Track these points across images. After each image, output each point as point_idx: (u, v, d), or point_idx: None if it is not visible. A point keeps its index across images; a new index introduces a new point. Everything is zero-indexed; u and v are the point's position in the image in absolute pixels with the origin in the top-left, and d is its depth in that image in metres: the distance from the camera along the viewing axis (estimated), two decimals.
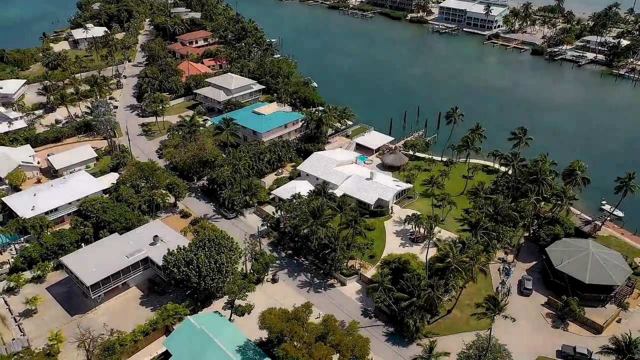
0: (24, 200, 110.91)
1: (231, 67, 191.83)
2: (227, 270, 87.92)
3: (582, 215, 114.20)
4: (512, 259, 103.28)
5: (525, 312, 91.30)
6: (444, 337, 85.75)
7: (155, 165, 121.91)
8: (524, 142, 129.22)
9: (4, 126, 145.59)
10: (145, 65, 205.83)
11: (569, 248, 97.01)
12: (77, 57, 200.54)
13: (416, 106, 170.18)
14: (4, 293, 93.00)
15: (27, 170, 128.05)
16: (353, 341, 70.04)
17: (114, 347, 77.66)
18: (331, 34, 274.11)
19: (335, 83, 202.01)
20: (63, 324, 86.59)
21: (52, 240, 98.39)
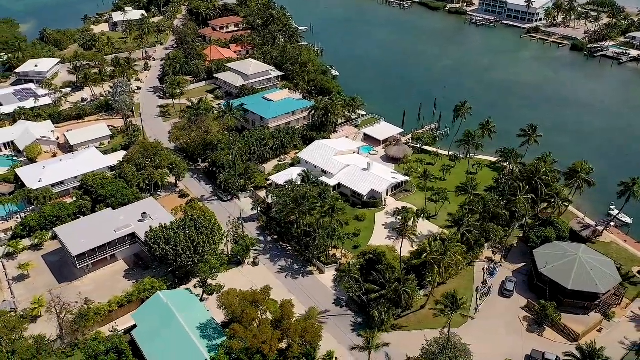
0: (33, 172, 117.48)
1: (253, 52, 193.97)
2: (203, 250, 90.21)
3: (582, 219, 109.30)
4: (499, 259, 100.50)
5: (502, 313, 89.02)
6: (411, 331, 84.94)
7: (159, 145, 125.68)
8: (534, 140, 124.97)
9: (31, 102, 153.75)
10: (174, 48, 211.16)
11: (557, 252, 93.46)
12: (108, 38, 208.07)
13: (439, 98, 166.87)
14: (3, 258, 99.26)
15: (44, 145, 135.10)
16: (304, 327, 70.56)
17: (87, 315, 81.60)
18: (365, 23, 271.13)
19: (361, 72, 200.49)
20: (50, 290, 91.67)
21: (51, 211, 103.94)
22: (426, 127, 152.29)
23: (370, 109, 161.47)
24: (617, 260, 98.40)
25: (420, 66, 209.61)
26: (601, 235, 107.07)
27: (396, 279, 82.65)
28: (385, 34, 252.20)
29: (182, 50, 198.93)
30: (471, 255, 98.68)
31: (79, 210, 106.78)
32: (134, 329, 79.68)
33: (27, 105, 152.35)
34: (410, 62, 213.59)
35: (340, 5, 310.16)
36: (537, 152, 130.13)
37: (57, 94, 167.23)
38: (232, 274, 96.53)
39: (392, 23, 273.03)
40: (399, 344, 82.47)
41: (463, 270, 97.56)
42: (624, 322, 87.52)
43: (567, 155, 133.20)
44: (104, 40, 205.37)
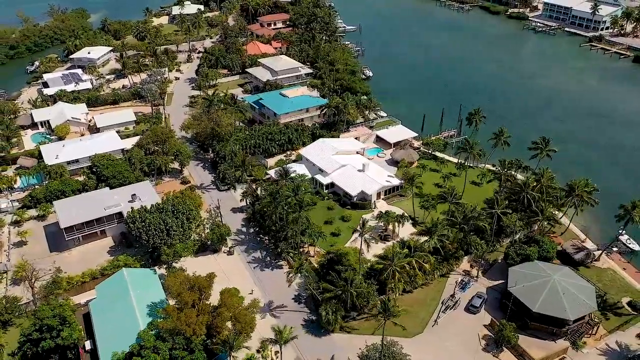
0: (54, 149, 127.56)
1: (289, 49, 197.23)
2: (175, 234, 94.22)
3: (577, 241, 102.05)
4: (476, 273, 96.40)
5: (462, 329, 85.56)
6: (361, 335, 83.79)
7: (171, 132, 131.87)
8: (545, 153, 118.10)
9: (72, 86, 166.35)
10: (219, 42, 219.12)
11: (533, 271, 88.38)
12: (157, 30, 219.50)
13: (475, 104, 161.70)
14: (10, 224, 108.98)
15: (74, 126, 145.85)
16: (235, 316, 72.14)
17: (60, 283, 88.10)
18: (418, 26, 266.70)
19: (398, 74, 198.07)
20: (39, 258, 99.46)
21: (56, 186, 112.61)
22: (444, 133, 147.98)
23: (396, 112, 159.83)
24: (606, 289, 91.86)
25: (462, 71, 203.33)
26: (598, 260, 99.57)
27: (344, 280, 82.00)
28: (435, 37, 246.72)
29: (224, 44, 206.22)
30: (445, 267, 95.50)
31: (83, 187, 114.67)
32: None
33: (69, 88, 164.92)
34: (452, 67, 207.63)
35: (398, 6, 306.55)
36: (550, 166, 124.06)
37: (100, 80, 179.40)
38: (206, 260, 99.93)
39: (446, 26, 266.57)
40: (346, 346, 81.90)
41: (435, 281, 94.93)
42: (593, 354, 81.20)
43: (588, 172, 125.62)
44: (154, 32, 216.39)
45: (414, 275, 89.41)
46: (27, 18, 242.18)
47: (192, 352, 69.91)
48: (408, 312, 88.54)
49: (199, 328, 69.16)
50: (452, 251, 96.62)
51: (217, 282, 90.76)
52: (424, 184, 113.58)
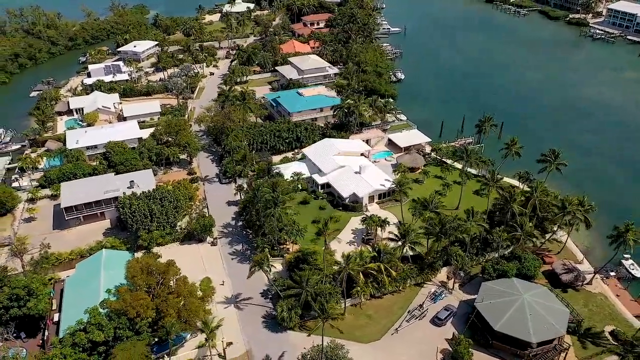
0: (77, 135, 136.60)
1: (322, 49, 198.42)
2: (159, 222, 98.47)
3: (569, 261, 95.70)
4: (451, 285, 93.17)
5: (422, 340, 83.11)
6: (318, 336, 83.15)
7: (184, 124, 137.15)
8: (554, 166, 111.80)
9: (110, 77, 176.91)
10: (259, 40, 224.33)
11: (505, 288, 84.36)
12: (201, 27, 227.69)
13: (507, 112, 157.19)
14: (26, 201, 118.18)
15: (104, 114, 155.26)
16: (185, 304, 74.56)
17: (49, 259, 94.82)
18: (468, 29, 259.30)
19: (433, 78, 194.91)
20: (41, 234, 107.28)
21: (69, 169, 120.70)
22: (459, 141, 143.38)
23: (420, 116, 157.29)
24: (591, 315, 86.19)
25: (502, 77, 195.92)
26: (590, 284, 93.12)
27: (296, 281, 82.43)
28: (483, 41, 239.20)
29: (262, 42, 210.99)
30: (421, 276, 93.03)
31: (93, 171, 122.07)
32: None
33: (106, 79, 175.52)
34: (492, 73, 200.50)
35: (452, 9, 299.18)
36: (559, 180, 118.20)
37: (138, 72, 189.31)
38: (189, 248, 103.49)
39: (498, 30, 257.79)
40: (300, 344, 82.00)
41: (408, 289, 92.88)
42: None
43: (609, 190, 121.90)
44: (197, 28, 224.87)
45: (382, 280, 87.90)
46: (89, 12, 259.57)
47: (139, 334, 73.07)
48: (371, 318, 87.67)
49: (143, 311, 72.14)
50: (429, 260, 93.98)
51: (193, 271, 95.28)
52: (412, 189, 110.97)
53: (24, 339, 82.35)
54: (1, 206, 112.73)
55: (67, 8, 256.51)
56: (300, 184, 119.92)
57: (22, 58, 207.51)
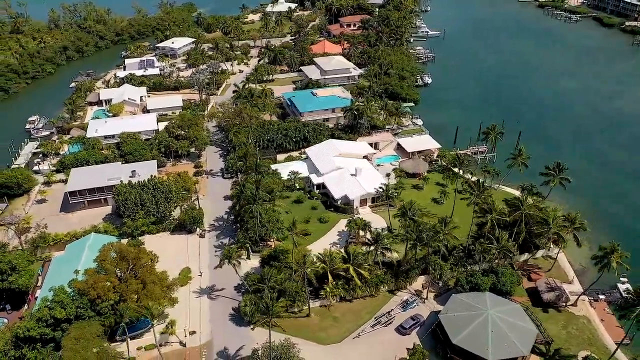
0: (97, 124, 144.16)
1: (349, 50, 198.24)
2: (148, 211, 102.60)
3: (554, 280, 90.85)
4: (425, 294, 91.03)
5: (381, 348, 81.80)
6: (280, 333, 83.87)
7: (196, 119, 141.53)
8: (557, 181, 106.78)
9: (142, 71, 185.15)
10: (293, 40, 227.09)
11: (473, 302, 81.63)
12: (237, 26, 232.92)
13: (533, 121, 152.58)
14: (42, 184, 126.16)
15: (129, 105, 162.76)
16: (147, 291, 77.42)
17: (46, 239, 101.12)
18: (513, 34, 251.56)
19: (462, 84, 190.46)
20: (50, 215, 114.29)
21: (82, 155, 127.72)
22: (471, 148, 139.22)
23: (439, 121, 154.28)
24: (568, 337, 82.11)
25: (535, 85, 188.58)
26: (575, 305, 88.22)
27: (258, 279, 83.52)
28: (525, 46, 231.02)
29: (294, 42, 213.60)
30: (395, 282, 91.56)
31: (105, 159, 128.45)
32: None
33: (138, 73, 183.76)
34: (526, 80, 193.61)
35: (501, 13, 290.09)
36: (562, 195, 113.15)
37: (171, 68, 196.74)
38: (177, 238, 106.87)
39: (544, 36, 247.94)
40: (260, 340, 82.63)
41: (381, 295, 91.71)
42: None
43: (622, 208, 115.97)
44: (233, 26, 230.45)
45: (353, 283, 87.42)
46: (139, 9, 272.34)
47: (101, 315, 76.69)
48: (337, 320, 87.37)
49: (104, 293, 75.62)
50: (405, 267, 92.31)
51: (177, 260, 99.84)
52: (399, 194, 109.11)
53: (9, 310, 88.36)
54: (18, 187, 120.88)
55: (120, 5, 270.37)
56: (298, 183, 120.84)
57: (70, 51, 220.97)
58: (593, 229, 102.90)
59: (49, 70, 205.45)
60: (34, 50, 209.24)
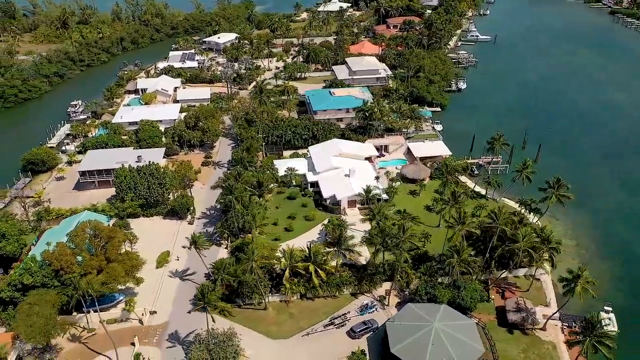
0: (125, 111, 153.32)
1: (384, 52, 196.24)
2: (140, 194, 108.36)
3: (522, 300, 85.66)
4: (387, 301, 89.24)
5: (327, 349, 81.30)
6: (233, 323, 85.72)
7: (212, 111, 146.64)
8: (556, 197, 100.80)
9: (180, 63, 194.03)
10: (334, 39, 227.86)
11: (423, 313, 79.23)
12: (282, 24, 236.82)
13: (566, 134, 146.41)
14: (66, 163, 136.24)
15: (161, 95, 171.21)
16: (105, 268, 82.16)
17: (50, 212, 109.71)
18: (572, 40, 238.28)
19: (502, 92, 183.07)
20: (62, 192, 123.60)
21: (102, 139, 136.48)
22: (484, 158, 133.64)
23: (464, 128, 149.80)
24: None
25: (579, 96, 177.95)
26: (544, 329, 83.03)
27: (217, 268, 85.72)
28: (583, 57, 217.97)
29: (335, 41, 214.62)
30: (358, 285, 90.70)
31: (122, 143, 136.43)
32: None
33: (177, 65, 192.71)
34: (570, 90, 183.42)
35: (566, 20, 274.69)
36: (576, 215, 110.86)
37: (210, 62, 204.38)
38: (167, 223, 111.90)
39: (607, 45, 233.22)
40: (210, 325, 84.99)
41: (343, 297, 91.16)
42: None
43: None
44: (279, 24, 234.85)
45: (312, 282, 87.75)
46: (198, 4, 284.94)
47: (65, 285, 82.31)
48: (292, 317, 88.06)
49: (67, 265, 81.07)
50: (370, 271, 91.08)
51: (161, 242, 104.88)
52: (391, 198, 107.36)
53: (2, 274, 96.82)
54: (43, 164, 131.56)
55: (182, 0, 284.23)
56: (295, 180, 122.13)
57: (126, 42, 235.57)
58: (598, 255, 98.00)
59: (103, 59, 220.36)
60: (92, 40, 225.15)
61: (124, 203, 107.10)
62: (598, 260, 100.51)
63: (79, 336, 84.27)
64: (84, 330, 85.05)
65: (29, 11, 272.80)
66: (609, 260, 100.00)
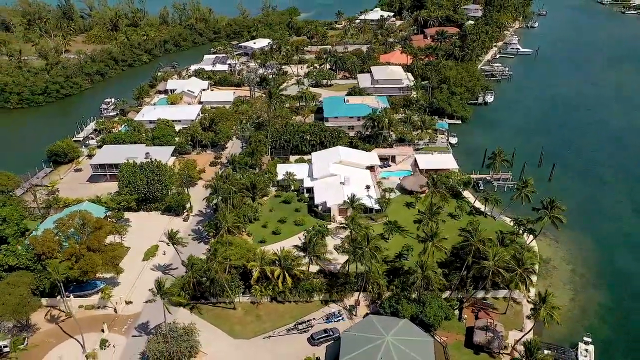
0: (146, 110, 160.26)
1: (411, 62, 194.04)
2: (138, 189, 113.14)
3: (491, 322, 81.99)
4: (355, 311, 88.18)
5: (284, 353, 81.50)
6: (200, 319, 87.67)
7: (228, 114, 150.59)
8: (548, 218, 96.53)
9: (210, 66, 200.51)
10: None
11: (382, 327, 77.77)
12: (317, 31, 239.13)
13: (588, 155, 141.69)
14: (87, 156, 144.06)
15: (187, 96, 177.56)
16: (84, 257, 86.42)
17: (59, 202, 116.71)
18: (623, 58, 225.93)
19: (533, 108, 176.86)
20: (77, 183, 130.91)
21: (120, 135, 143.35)
22: (492, 174, 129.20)
23: (479, 141, 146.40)
24: None
25: (615, 119, 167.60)
26: (511, 355, 79.31)
27: (189, 265, 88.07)
28: (630, 77, 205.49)
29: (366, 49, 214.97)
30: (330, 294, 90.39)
31: (137, 140, 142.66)
32: None
33: (207, 68, 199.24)
34: (608, 113, 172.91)
35: (622, 39, 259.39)
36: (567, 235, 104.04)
37: (242, 66, 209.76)
38: (163, 218, 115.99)
39: None
40: (179, 319, 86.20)
41: (313, 304, 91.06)
42: None
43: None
44: (314, 32, 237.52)
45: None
46: (244, 10, 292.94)
47: (45, 268, 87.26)
48: (259, 318, 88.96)
49: (49, 251, 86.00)
50: (342, 280, 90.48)
51: (153, 236, 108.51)
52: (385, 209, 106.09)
53: None
54: (64, 156, 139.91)
55: (227, 5, 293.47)
56: (293, 184, 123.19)
57: (168, 44, 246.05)
58: (592, 283, 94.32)
59: (144, 60, 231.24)
60: (136, 41, 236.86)
61: (119, 196, 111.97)
62: (590, 289, 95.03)
63: (57, 318, 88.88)
64: (63, 313, 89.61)
65: (86, 13, 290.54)
66: (602, 290, 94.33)
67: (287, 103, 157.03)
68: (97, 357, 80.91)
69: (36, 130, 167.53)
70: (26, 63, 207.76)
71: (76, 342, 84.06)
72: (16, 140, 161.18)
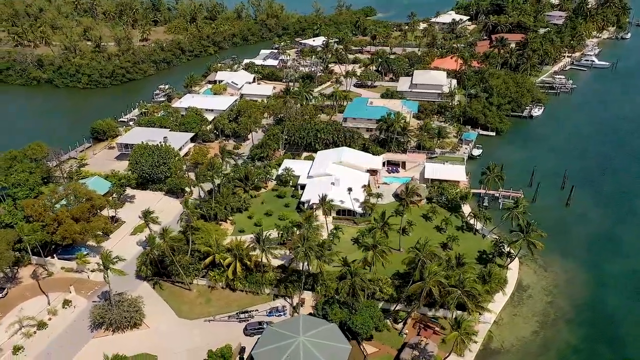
0: (185, 98, 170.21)
1: (464, 68, 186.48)
2: (143, 169, 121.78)
3: (427, 343, 78.13)
4: (299, 310, 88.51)
5: (215, 338, 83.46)
6: (159, 297, 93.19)
7: (256, 106, 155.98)
8: (523, 242, 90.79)
9: (261, 61, 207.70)
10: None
11: (302, 326, 77.78)
12: (379, 31, 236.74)
13: (620, 186, 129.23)
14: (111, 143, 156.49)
15: (230, 87, 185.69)
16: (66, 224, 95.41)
17: (80, 174, 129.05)
18: None
19: (580, 125, 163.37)
20: (105, 160, 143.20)
21: (153, 119, 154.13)
22: (502, 191, 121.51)
23: (508, 157, 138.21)
24: None
25: None
26: None
27: (149, 242, 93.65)
28: None
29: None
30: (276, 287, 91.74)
31: (167, 125, 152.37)
32: None
33: (257, 62, 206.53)
34: None
35: None
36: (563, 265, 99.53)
37: (293, 62, 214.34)
38: (164, 199, 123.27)
39: None
40: (138, 292, 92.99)
41: (265, 296, 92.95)
42: None
43: None
44: (374, 31, 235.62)
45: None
46: (318, 8, 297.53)
47: (35, 231, 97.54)
48: (208, 302, 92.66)
49: (35, 214, 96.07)
50: (292, 278, 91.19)
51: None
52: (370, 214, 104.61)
53: None
54: (103, 134, 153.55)
55: (304, 3, 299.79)
56: (291, 180, 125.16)
57: (237, 38, 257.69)
58: (566, 320, 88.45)
59: (210, 52, 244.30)
60: (206, 34, 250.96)
61: (119, 173, 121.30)
62: (562, 325, 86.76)
63: (38, 275, 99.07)
64: (45, 271, 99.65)
65: (172, 6, 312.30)
66: (576, 329, 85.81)
67: (312, 101, 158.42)
68: (57, 313, 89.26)
69: (96, 108, 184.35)
70: (104, 48, 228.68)
71: (46, 298, 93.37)
72: (74, 117, 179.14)
